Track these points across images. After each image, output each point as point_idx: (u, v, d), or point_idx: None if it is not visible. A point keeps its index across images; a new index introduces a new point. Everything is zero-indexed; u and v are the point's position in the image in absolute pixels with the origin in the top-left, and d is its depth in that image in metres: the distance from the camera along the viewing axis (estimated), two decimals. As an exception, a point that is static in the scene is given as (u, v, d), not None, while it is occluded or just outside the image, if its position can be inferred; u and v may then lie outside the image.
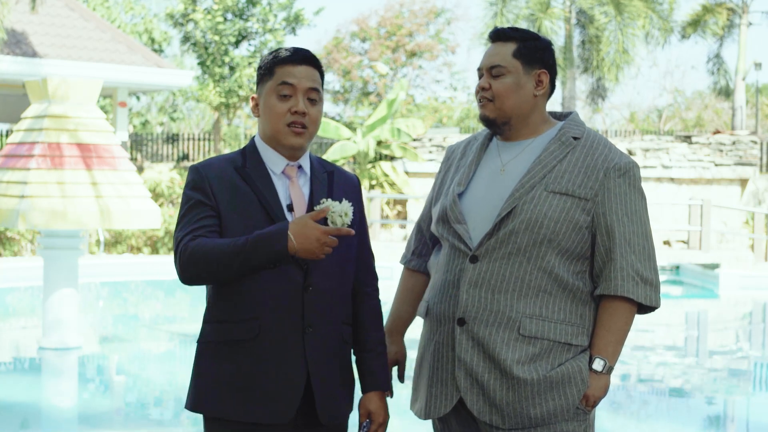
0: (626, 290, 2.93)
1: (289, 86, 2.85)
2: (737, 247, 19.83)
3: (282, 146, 2.89)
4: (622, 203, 2.96)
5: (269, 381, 2.80)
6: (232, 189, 2.84)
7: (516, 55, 3.01)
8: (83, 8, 22.59)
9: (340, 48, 32.46)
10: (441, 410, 3.01)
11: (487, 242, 2.94)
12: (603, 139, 3.06)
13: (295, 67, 2.87)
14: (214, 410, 2.84)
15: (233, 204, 2.83)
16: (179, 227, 2.85)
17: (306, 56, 2.89)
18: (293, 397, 2.81)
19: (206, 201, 2.84)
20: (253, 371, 2.80)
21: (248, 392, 2.81)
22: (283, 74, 2.86)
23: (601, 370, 2.96)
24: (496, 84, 3.01)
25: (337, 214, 2.81)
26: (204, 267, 2.76)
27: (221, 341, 2.84)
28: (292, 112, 2.85)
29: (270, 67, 2.89)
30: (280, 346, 2.81)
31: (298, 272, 2.82)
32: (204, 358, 2.87)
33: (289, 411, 2.81)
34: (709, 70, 28.91)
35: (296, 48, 2.92)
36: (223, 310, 2.84)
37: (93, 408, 7.58)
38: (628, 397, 8.06)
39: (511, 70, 3.00)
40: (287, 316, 2.81)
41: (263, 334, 2.80)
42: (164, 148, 27.16)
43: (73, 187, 8.72)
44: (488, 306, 2.93)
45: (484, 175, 3.05)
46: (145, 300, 14.51)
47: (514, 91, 3.00)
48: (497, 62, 3.01)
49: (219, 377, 2.83)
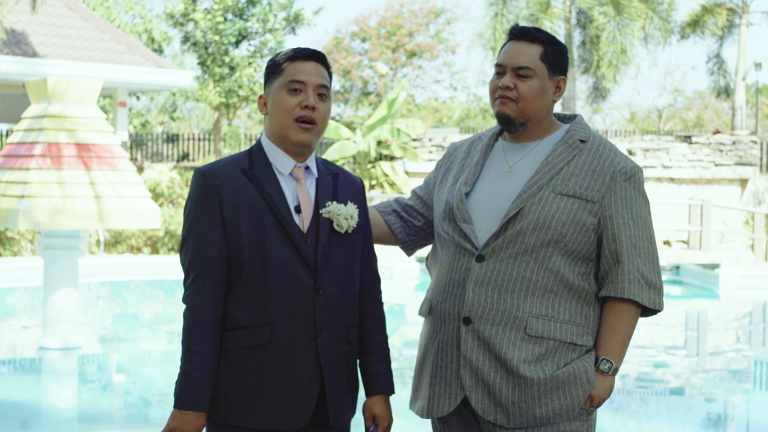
0: (632, 293, 2.95)
1: (300, 83, 2.84)
2: (737, 247, 19.83)
3: (289, 143, 2.85)
4: (628, 207, 2.98)
5: (283, 387, 2.78)
6: (239, 193, 2.81)
7: (543, 59, 3.00)
8: (83, 8, 22.58)
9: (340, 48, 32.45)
10: (444, 409, 3.00)
11: (493, 242, 2.94)
12: (608, 143, 3.08)
13: (305, 63, 2.86)
14: (229, 419, 2.81)
15: (240, 209, 2.80)
16: (185, 248, 2.84)
17: (315, 54, 2.89)
18: (308, 403, 2.80)
19: (212, 214, 2.80)
20: (267, 377, 2.78)
21: (263, 399, 2.78)
22: (294, 71, 2.85)
23: (608, 371, 2.97)
24: (522, 86, 2.99)
25: (342, 216, 2.81)
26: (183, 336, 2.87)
27: (234, 348, 2.81)
28: (302, 106, 2.83)
29: (279, 64, 2.88)
30: (293, 351, 2.79)
31: (308, 276, 2.80)
32: (218, 367, 2.83)
33: (304, 416, 2.80)
34: (708, 70, 28.91)
35: (304, 47, 2.92)
36: (233, 317, 2.81)
37: (93, 408, 7.58)
38: (628, 397, 8.06)
39: (538, 74, 3.00)
40: (299, 320, 2.79)
41: (275, 339, 2.78)
42: (164, 148, 27.16)
43: (73, 186, 8.71)
44: (494, 305, 2.93)
45: (490, 176, 3.06)
46: (145, 300, 14.50)
47: (538, 95, 3.00)
48: (526, 63, 2.99)
49: (234, 385, 2.80)
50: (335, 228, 2.84)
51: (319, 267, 2.81)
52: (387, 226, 3.25)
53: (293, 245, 2.80)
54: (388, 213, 3.27)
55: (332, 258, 2.83)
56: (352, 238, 2.89)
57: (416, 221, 3.25)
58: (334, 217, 2.82)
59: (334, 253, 2.84)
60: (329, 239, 2.84)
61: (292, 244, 2.79)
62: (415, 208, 3.25)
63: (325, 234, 2.83)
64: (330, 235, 2.84)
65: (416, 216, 3.25)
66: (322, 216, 2.84)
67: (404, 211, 3.27)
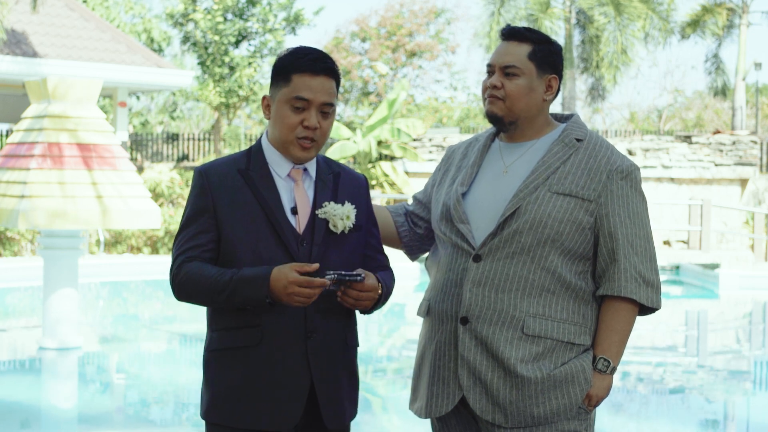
0: (629, 291, 2.95)
1: (304, 100, 2.78)
2: (737, 247, 19.83)
3: (289, 156, 2.85)
4: (624, 205, 2.98)
5: (273, 388, 2.79)
6: (234, 193, 2.81)
7: (531, 58, 3.01)
8: (83, 8, 22.59)
9: (340, 48, 32.45)
10: (442, 409, 3.01)
11: (490, 242, 2.95)
12: (605, 142, 3.08)
13: (312, 79, 2.79)
14: (220, 418, 2.83)
15: (234, 209, 2.80)
16: (177, 240, 2.85)
17: (325, 68, 2.80)
18: (297, 404, 2.80)
19: (206, 212, 2.81)
20: (257, 378, 2.79)
21: (252, 399, 2.79)
22: (300, 86, 2.79)
23: (606, 370, 2.97)
24: (509, 84, 3.01)
25: (338, 217, 2.81)
26: (194, 296, 2.79)
27: (226, 348, 2.82)
28: (304, 126, 2.80)
29: (287, 73, 2.81)
30: (283, 352, 2.79)
31: None
32: (211, 367, 2.86)
33: (292, 418, 2.80)
34: (706, 70, 28.90)
35: (315, 55, 2.81)
36: (226, 317, 2.83)
37: (93, 408, 7.57)
38: (628, 397, 8.06)
39: (525, 72, 3.01)
40: (289, 321, 2.79)
41: (266, 340, 2.79)
42: (164, 148, 27.15)
43: (73, 187, 8.71)
44: (492, 305, 2.94)
45: (486, 176, 3.06)
46: (145, 300, 14.50)
47: (525, 94, 3.01)
48: (512, 62, 3.01)
49: (225, 385, 2.82)
50: (331, 228, 2.83)
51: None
52: (395, 228, 3.26)
53: (285, 247, 2.80)
54: (398, 215, 3.27)
55: (328, 259, 2.82)
56: (350, 238, 2.87)
57: (418, 229, 3.26)
58: (329, 217, 2.82)
59: (330, 255, 2.83)
60: (325, 240, 2.83)
61: (284, 245, 2.80)
62: (417, 214, 3.26)
63: (320, 235, 2.83)
64: (326, 236, 2.84)
65: (418, 223, 3.26)
66: (318, 217, 2.84)
67: (410, 216, 3.27)
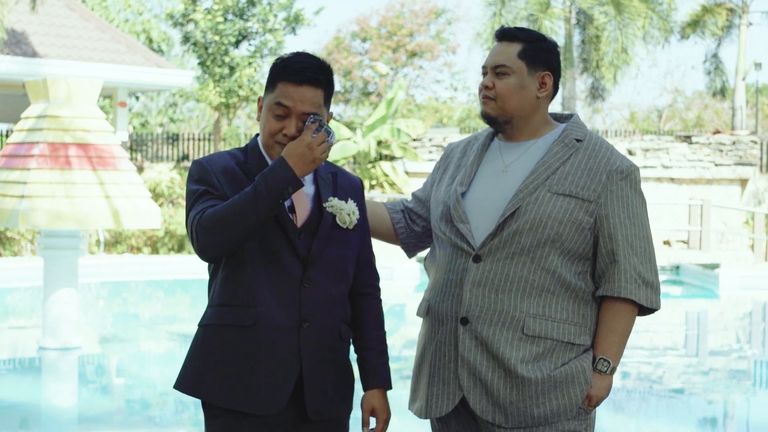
0: (629, 292, 2.95)
1: (284, 107, 2.80)
2: (737, 247, 19.83)
3: (273, 158, 2.87)
4: (624, 206, 2.98)
5: (260, 371, 2.80)
6: (236, 182, 2.83)
7: (521, 56, 3.02)
8: (83, 8, 22.60)
9: (340, 48, 32.45)
10: (442, 409, 3.01)
11: (490, 242, 2.95)
12: (605, 142, 3.08)
13: (296, 88, 2.79)
14: (199, 393, 2.84)
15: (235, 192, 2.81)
16: (189, 215, 2.82)
17: (310, 77, 2.79)
18: (283, 390, 2.81)
19: (213, 191, 2.82)
20: (246, 359, 2.80)
21: (238, 380, 2.81)
22: (282, 94, 2.80)
23: (606, 371, 2.97)
24: (499, 83, 3.02)
25: (345, 212, 2.86)
26: (221, 229, 2.72)
27: (220, 324, 2.84)
28: (282, 134, 2.82)
29: (274, 79, 2.83)
30: (275, 337, 2.81)
31: (297, 266, 2.82)
32: (200, 341, 2.87)
33: (277, 403, 2.81)
34: (706, 70, 28.89)
35: (303, 64, 2.82)
36: (225, 294, 2.84)
37: (93, 408, 7.58)
38: (628, 397, 8.06)
39: (515, 71, 3.02)
40: (284, 308, 2.81)
41: (260, 323, 2.80)
42: (164, 149, 27.14)
43: (73, 187, 8.72)
44: (492, 305, 2.94)
45: (486, 176, 3.06)
46: (145, 300, 14.50)
47: (516, 92, 3.01)
48: (502, 62, 3.02)
49: (212, 361, 2.83)
50: (338, 222, 2.86)
51: (311, 259, 2.82)
52: (392, 224, 3.27)
53: (289, 239, 2.82)
54: (395, 211, 3.29)
55: (328, 252, 2.85)
56: (350, 235, 2.91)
57: (416, 226, 3.27)
58: (337, 211, 2.85)
59: (330, 248, 2.86)
60: (329, 234, 2.86)
61: (283, 233, 2.81)
62: (415, 211, 3.27)
63: (326, 228, 2.86)
64: (331, 229, 2.86)
65: (416, 220, 3.27)
66: (325, 210, 2.87)
67: (408, 213, 3.28)
